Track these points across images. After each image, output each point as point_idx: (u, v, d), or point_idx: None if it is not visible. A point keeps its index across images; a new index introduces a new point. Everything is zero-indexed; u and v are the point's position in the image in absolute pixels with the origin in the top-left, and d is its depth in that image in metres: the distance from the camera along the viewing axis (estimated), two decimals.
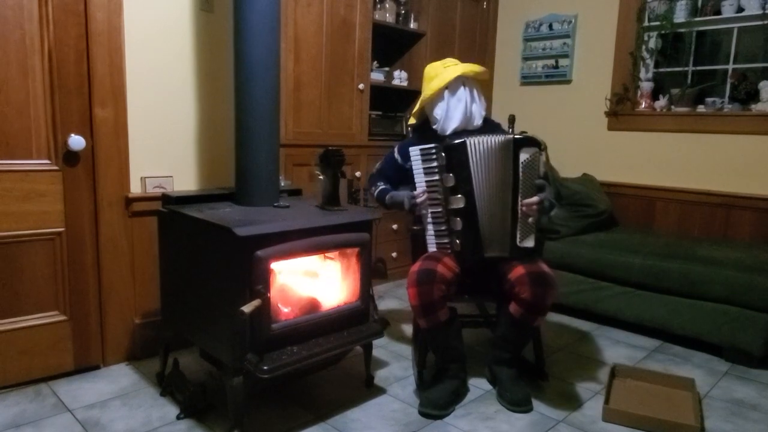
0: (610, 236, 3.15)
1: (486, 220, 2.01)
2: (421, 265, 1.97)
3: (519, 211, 1.98)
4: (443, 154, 2.00)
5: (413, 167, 2.06)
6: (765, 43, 3.17)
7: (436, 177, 2.03)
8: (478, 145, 1.98)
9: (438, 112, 2.16)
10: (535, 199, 1.96)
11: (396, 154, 2.30)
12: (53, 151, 2.06)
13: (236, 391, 1.72)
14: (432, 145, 2.03)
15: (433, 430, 1.91)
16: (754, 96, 3.16)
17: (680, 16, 3.35)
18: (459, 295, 2.10)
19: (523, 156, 1.95)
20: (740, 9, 3.20)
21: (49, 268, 2.10)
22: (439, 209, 2.05)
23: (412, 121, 2.33)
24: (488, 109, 2.38)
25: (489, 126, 2.26)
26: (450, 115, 2.14)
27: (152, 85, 2.27)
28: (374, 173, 2.40)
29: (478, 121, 2.19)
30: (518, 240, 2.01)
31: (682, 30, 3.39)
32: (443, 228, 2.05)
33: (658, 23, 3.42)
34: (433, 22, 3.65)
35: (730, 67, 3.28)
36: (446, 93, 2.12)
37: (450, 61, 2.18)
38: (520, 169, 1.96)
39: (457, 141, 2.00)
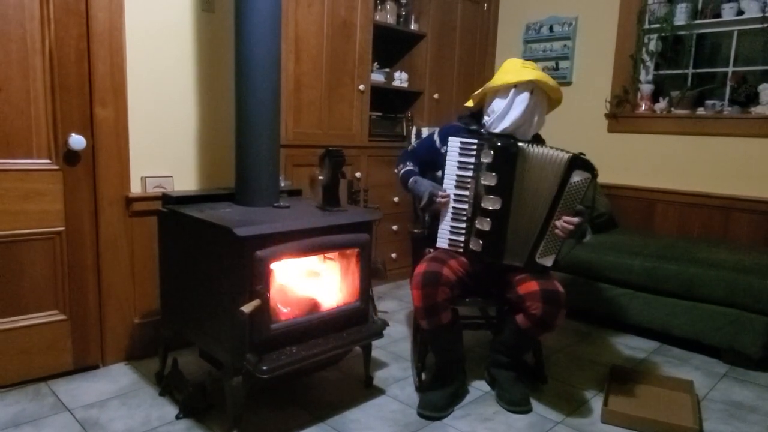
0: (610, 238, 3.15)
1: (513, 227, 1.97)
2: (426, 267, 1.94)
3: (551, 227, 1.94)
4: (491, 152, 1.94)
5: (448, 157, 2.01)
6: (765, 46, 3.18)
7: (470, 173, 1.98)
8: (529, 152, 1.93)
9: (496, 105, 2.05)
10: (575, 219, 1.91)
11: (435, 136, 2.21)
12: (53, 151, 2.06)
13: (235, 391, 1.72)
14: (474, 141, 1.98)
15: (432, 431, 1.91)
16: (753, 99, 3.17)
17: (680, 18, 3.36)
18: (461, 297, 2.09)
19: (575, 177, 1.89)
20: (740, 12, 3.20)
21: (49, 268, 2.10)
22: (465, 206, 2.01)
23: (469, 103, 2.21)
24: None
25: (536, 142, 2.13)
26: (505, 114, 2.03)
27: (153, 84, 2.27)
28: (407, 151, 2.30)
29: (529, 134, 2.09)
30: (538, 255, 1.97)
31: (683, 33, 3.40)
32: (462, 226, 2.02)
33: (658, 26, 3.42)
34: (433, 24, 3.65)
35: (730, 69, 3.29)
36: (513, 91, 2.01)
37: (530, 64, 2.08)
38: (567, 188, 1.90)
39: (511, 143, 1.94)
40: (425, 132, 2.53)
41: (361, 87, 3.21)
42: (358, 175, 3.26)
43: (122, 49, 2.16)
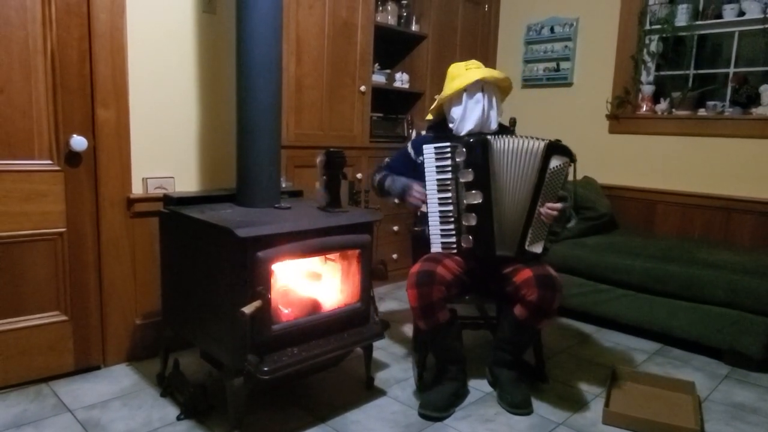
0: (611, 239, 3.15)
1: (500, 219, 2.01)
2: (420, 266, 1.97)
3: (536, 214, 1.98)
4: (464, 150, 1.99)
5: (425, 164, 2.06)
6: (766, 47, 3.17)
7: (449, 176, 2.03)
8: (501, 144, 1.97)
9: (455, 112, 2.16)
10: (558, 205, 1.95)
11: (409, 148, 2.29)
12: (55, 152, 2.06)
13: (236, 392, 1.72)
14: (447, 144, 2.03)
15: (433, 431, 1.91)
16: (755, 100, 3.16)
17: (681, 19, 3.36)
18: (459, 296, 2.10)
19: (554, 162, 1.93)
20: (741, 13, 3.20)
21: (51, 269, 2.10)
22: (450, 208, 2.04)
23: (429, 117, 2.33)
24: None
25: (504, 132, 2.23)
26: (466, 116, 2.14)
27: (154, 85, 2.28)
28: (381, 165, 2.38)
29: (493, 126, 2.19)
30: (527, 243, 2.01)
31: (684, 33, 3.39)
32: (451, 227, 2.05)
33: (659, 26, 3.42)
34: (434, 25, 3.66)
35: (731, 70, 3.29)
36: (465, 95, 2.12)
37: (473, 64, 2.19)
38: (547, 175, 1.94)
39: (481, 138, 2.00)
40: (425, 134, 2.56)
41: (362, 88, 3.21)
42: (359, 176, 3.26)
43: (124, 51, 2.16)
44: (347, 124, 3.19)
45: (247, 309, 1.64)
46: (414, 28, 3.63)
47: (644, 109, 3.54)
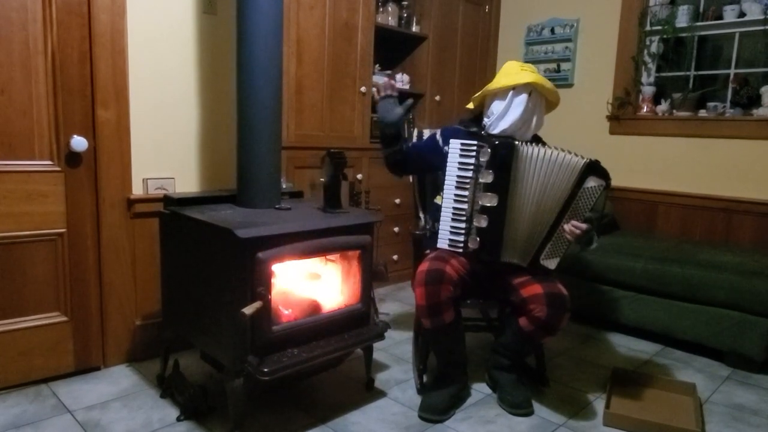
0: (612, 240, 3.14)
1: (513, 226, 1.98)
2: (429, 265, 1.95)
3: (558, 229, 1.95)
4: (489, 150, 1.96)
5: (449, 159, 2.03)
6: (766, 48, 3.17)
7: (470, 174, 2.00)
8: (532, 152, 1.94)
9: (495, 107, 2.08)
10: (584, 225, 1.91)
11: (438, 136, 2.23)
12: (55, 152, 2.06)
13: (237, 393, 1.72)
14: (474, 142, 2.00)
15: None
16: (755, 101, 3.16)
17: (682, 20, 3.36)
18: (462, 298, 2.09)
19: (590, 183, 1.91)
20: (742, 14, 3.20)
21: (51, 269, 2.10)
22: (464, 206, 2.02)
23: (470, 105, 2.25)
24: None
25: (535, 142, 2.13)
26: (504, 116, 2.06)
27: (155, 86, 2.28)
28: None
29: (528, 135, 2.11)
30: (542, 256, 1.98)
31: (684, 35, 3.39)
32: (461, 226, 2.02)
33: (660, 28, 3.42)
34: (435, 26, 3.66)
35: (732, 71, 3.29)
36: (511, 93, 2.05)
37: (528, 67, 2.11)
38: (579, 193, 1.91)
39: (507, 142, 1.96)
40: (426, 134, 2.54)
41: (363, 89, 3.21)
42: (359, 176, 3.26)
43: (124, 51, 2.16)
44: (348, 125, 3.19)
45: (248, 310, 1.64)
46: (414, 29, 3.63)
47: (645, 110, 3.53)
